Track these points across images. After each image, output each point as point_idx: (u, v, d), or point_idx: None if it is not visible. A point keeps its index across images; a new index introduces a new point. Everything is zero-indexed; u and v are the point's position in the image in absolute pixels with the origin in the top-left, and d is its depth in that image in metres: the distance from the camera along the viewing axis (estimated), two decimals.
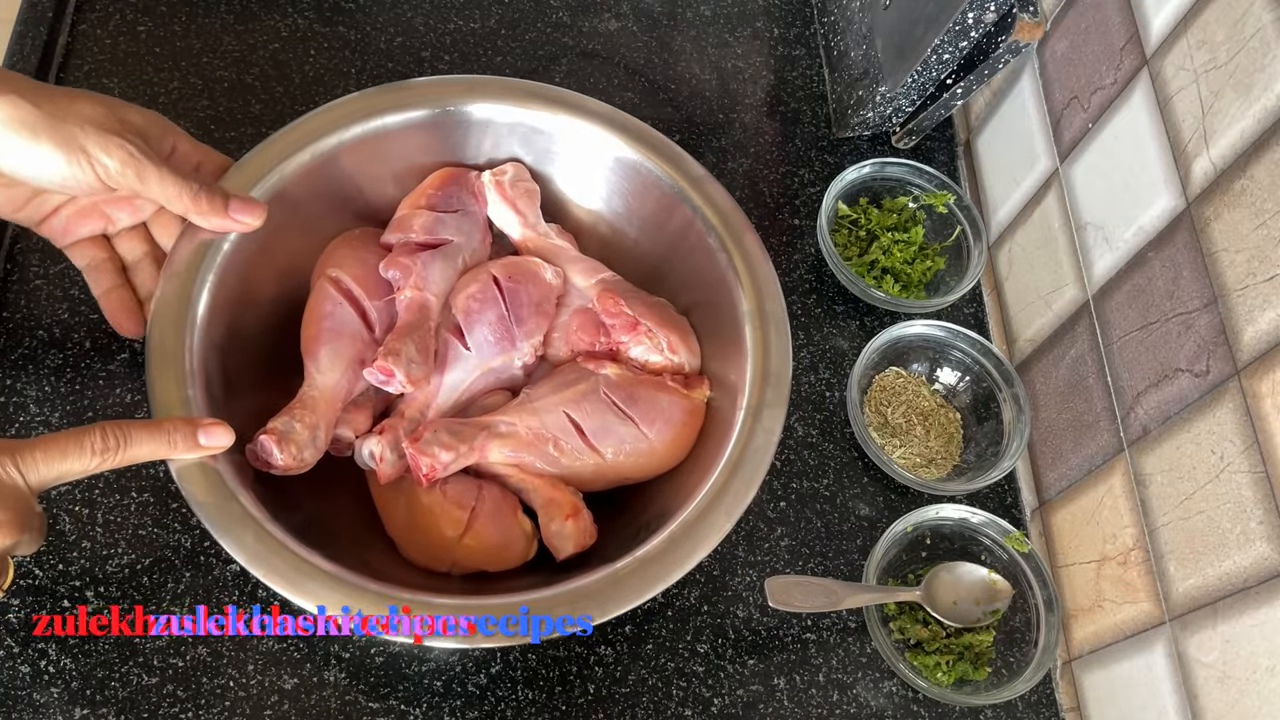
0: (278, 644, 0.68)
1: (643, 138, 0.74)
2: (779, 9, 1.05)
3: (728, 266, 0.71)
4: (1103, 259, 0.77)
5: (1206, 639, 0.64)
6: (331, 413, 0.65)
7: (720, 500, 0.63)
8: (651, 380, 0.70)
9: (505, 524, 0.66)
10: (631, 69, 0.98)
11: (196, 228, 0.64)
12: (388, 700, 0.67)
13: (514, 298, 0.71)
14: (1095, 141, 0.79)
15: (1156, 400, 0.69)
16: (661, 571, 0.60)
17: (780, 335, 0.69)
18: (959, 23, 0.79)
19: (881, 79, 0.90)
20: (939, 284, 0.91)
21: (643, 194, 0.76)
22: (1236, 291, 0.62)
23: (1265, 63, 0.61)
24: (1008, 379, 0.83)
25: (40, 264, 0.77)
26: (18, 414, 0.72)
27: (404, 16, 0.95)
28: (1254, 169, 0.62)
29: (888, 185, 0.93)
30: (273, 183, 0.67)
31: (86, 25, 0.88)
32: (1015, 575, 0.77)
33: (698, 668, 0.72)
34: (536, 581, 0.62)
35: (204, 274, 0.64)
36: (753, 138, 0.97)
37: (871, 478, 0.82)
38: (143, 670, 0.65)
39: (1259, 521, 0.60)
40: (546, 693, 0.69)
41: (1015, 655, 0.76)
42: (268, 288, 0.69)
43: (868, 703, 0.73)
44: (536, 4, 0.99)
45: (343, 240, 0.73)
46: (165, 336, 0.61)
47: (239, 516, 0.57)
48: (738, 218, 0.73)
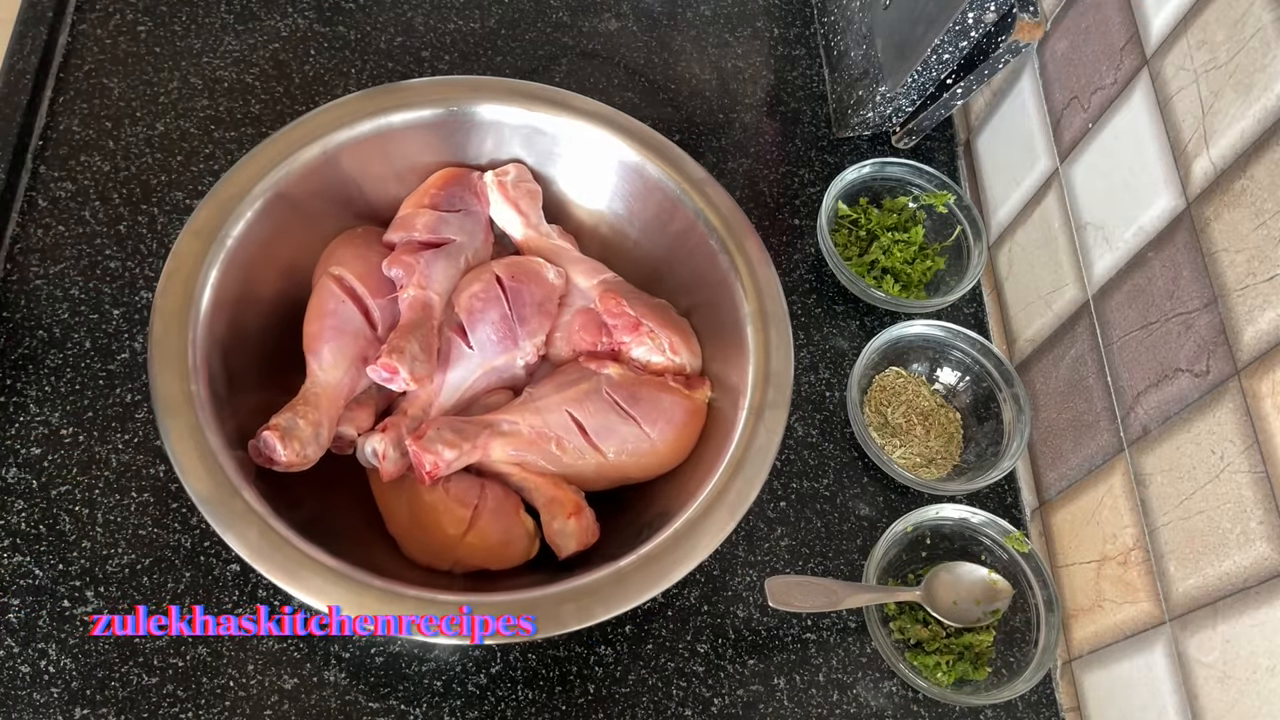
0: (278, 644, 0.68)
1: (645, 140, 0.74)
2: (779, 9, 1.05)
3: (729, 268, 0.71)
4: (1103, 259, 0.77)
5: (1206, 639, 0.64)
6: (334, 410, 0.65)
7: (723, 499, 0.63)
8: (654, 380, 0.70)
9: (508, 522, 0.66)
10: (631, 69, 0.98)
11: (197, 226, 0.63)
12: (388, 700, 0.67)
13: (517, 297, 0.71)
14: (1095, 141, 0.79)
15: (1156, 400, 0.69)
16: (665, 569, 0.60)
17: (782, 336, 0.69)
18: (959, 22, 0.80)
19: (881, 79, 0.90)
20: (939, 284, 0.91)
21: (644, 196, 0.76)
22: (1236, 291, 0.62)
23: (1265, 63, 0.61)
24: (1008, 379, 0.83)
25: (40, 264, 0.77)
26: (18, 414, 0.71)
27: (404, 16, 0.95)
28: (1254, 169, 0.62)
29: (888, 185, 0.93)
30: (274, 181, 0.67)
31: (86, 25, 0.88)
32: (1015, 575, 0.78)
33: (698, 668, 0.72)
34: (539, 580, 0.62)
35: (207, 270, 0.64)
36: (753, 137, 0.97)
37: (871, 478, 0.82)
38: (143, 670, 0.65)
39: (1259, 521, 0.60)
40: (546, 692, 0.69)
41: (1015, 655, 0.76)
42: (270, 285, 0.69)
43: (868, 703, 0.73)
44: (536, 4, 0.99)
45: (345, 238, 0.73)
46: (168, 332, 0.61)
47: (242, 513, 0.57)
48: (739, 220, 0.73)
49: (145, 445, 0.72)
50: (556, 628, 0.58)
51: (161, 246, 0.79)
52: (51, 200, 0.80)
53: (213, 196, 0.66)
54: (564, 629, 0.58)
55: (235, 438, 0.62)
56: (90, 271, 0.77)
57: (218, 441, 0.59)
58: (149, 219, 0.80)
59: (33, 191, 0.80)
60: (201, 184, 0.83)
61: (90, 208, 0.80)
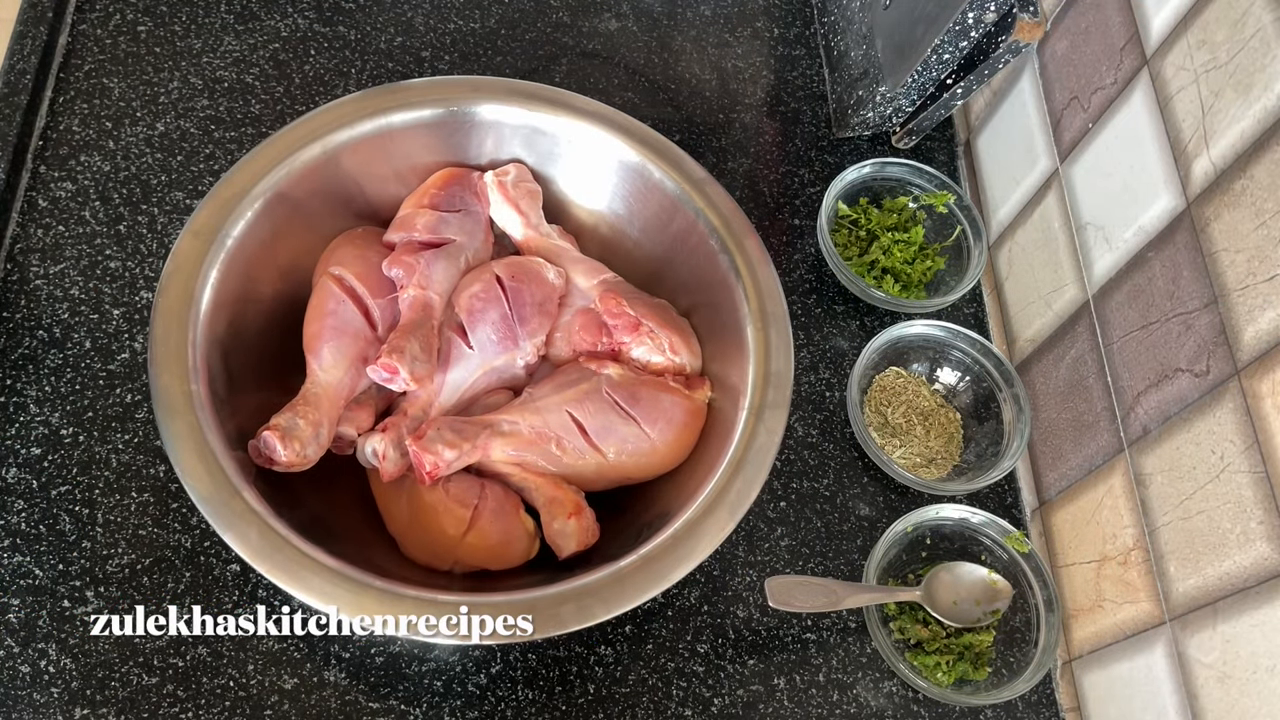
0: (278, 644, 0.68)
1: (645, 140, 0.74)
2: (779, 9, 1.05)
3: (729, 269, 0.71)
4: (1103, 259, 0.77)
5: (1206, 639, 0.64)
6: (334, 410, 0.65)
7: (723, 499, 0.63)
8: (654, 381, 0.70)
9: (508, 522, 0.66)
10: (631, 69, 0.98)
11: (197, 226, 0.63)
12: (388, 700, 0.67)
13: (517, 297, 0.71)
14: (1095, 141, 0.79)
15: (1157, 400, 0.69)
16: (665, 569, 0.60)
17: (782, 336, 0.69)
18: (959, 23, 0.79)
19: (882, 79, 0.90)
20: (939, 284, 0.91)
21: (644, 196, 0.76)
22: (1236, 291, 0.62)
23: (1265, 63, 0.61)
24: (1008, 379, 0.83)
25: (40, 264, 0.77)
26: (18, 414, 0.71)
27: (404, 16, 0.95)
28: (1254, 169, 0.62)
29: (888, 185, 0.93)
30: (274, 181, 0.67)
31: (86, 25, 0.88)
32: (1015, 575, 0.78)
33: (698, 668, 0.72)
34: (538, 580, 0.62)
35: (207, 271, 0.64)
36: (753, 137, 0.97)
37: (872, 478, 0.82)
38: (143, 670, 0.65)
39: (1259, 521, 0.60)
40: (546, 693, 0.69)
41: (1015, 655, 0.76)
42: (270, 285, 0.69)
43: (868, 703, 0.73)
44: (536, 4, 0.99)
45: (345, 239, 0.73)
46: (168, 332, 0.61)
47: (242, 513, 0.57)
48: (739, 221, 0.73)
49: (145, 445, 0.72)
50: (556, 628, 0.58)
51: (161, 246, 0.79)
52: (52, 200, 0.80)
53: (213, 197, 0.66)
54: (564, 629, 0.58)
55: (235, 438, 0.62)
56: (90, 271, 0.77)
57: (218, 441, 0.59)
58: (149, 219, 0.80)
59: (33, 191, 0.80)
60: (201, 184, 0.83)
61: (90, 208, 0.80)
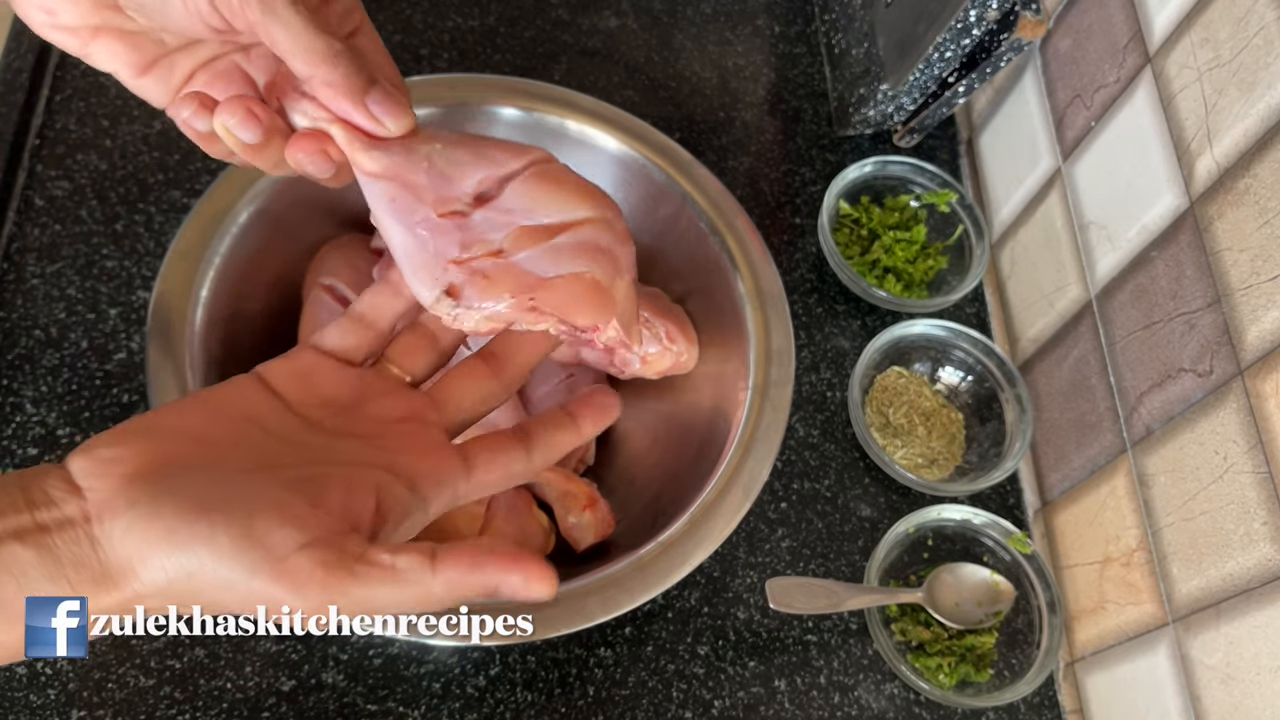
0: (275, 645, 0.67)
1: (628, 128, 0.74)
2: (780, 6, 1.05)
3: (721, 250, 0.71)
4: (1105, 258, 0.77)
5: (1210, 640, 0.63)
6: None
7: (736, 480, 0.63)
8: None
9: (521, 520, 0.67)
10: (631, 67, 0.98)
11: (183, 246, 0.63)
12: (386, 702, 0.67)
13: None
14: (1098, 140, 0.78)
15: (1160, 400, 0.69)
16: (684, 555, 0.60)
17: (779, 313, 0.69)
18: (961, 20, 0.79)
19: (883, 77, 0.89)
20: (941, 283, 0.90)
21: (629, 183, 0.75)
22: (1240, 291, 0.62)
23: (1269, 61, 0.61)
24: (1010, 379, 0.83)
25: (37, 263, 0.77)
26: (14, 414, 0.71)
27: (402, 14, 0.95)
28: (1257, 167, 0.61)
29: (889, 184, 0.93)
30: (255, 194, 0.67)
31: None
32: (1018, 576, 0.77)
33: (698, 670, 0.72)
34: (560, 574, 0.62)
35: (197, 290, 0.63)
36: (754, 136, 0.96)
37: (873, 478, 0.82)
38: (140, 672, 0.65)
39: (1263, 522, 0.59)
40: (546, 695, 0.69)
41: (1018, 657, 0.75)
42: (259, 301, 0.69)
43: (869, 705, 0.73)
44: (536, 1, 0.99)
45: (331, 248, 0.72)
46: (164, 340, 0.61)
47: None
48: (727, 201, 0.73)
49: None
50: (555, 629, 0.57)
51: (159, 245, 0.79)
52: (48, 199, 0.79)
53: (196, 215, 0.66)
54: (563, 630, 0.58)
55: None
56: (87, 271, 0.77)
57: None
58: (146, 218, 0.80)
59: (29, 190, 0.79)
60: (198, 182, 0.82)
61: (87, 206, 0.80)
